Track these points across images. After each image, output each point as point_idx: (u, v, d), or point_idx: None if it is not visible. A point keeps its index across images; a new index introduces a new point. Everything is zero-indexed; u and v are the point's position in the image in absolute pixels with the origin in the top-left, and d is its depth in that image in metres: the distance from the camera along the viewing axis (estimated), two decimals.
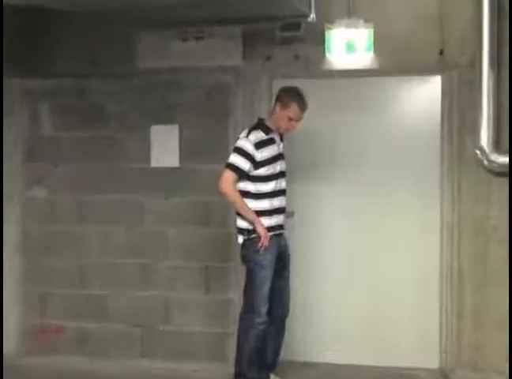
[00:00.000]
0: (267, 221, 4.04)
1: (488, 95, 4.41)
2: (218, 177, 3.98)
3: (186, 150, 4.91)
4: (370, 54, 4.64)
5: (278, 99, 4.05)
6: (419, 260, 4.84)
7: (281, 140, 4.15)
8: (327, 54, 4.67)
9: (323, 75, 4.80)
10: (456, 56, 4.61)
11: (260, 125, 4.06)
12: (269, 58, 4.79)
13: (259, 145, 3.96)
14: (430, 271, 4.79)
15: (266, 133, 4.00)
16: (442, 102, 4.72)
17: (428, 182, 4.80)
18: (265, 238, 3.93)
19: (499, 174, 4.53)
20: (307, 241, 4.87)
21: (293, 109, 4.00)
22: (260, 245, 3.94)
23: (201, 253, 4.95)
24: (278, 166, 4.06)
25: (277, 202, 4.10)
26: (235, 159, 3.96)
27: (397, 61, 4.65)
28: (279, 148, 4.10)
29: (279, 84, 4.48)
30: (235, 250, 4.63)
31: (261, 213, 4.05)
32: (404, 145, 4.82)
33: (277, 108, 4.03)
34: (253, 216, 3.98)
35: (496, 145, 4.47)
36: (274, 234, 4.08)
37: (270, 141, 4.02)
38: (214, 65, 4.83)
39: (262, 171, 4.01)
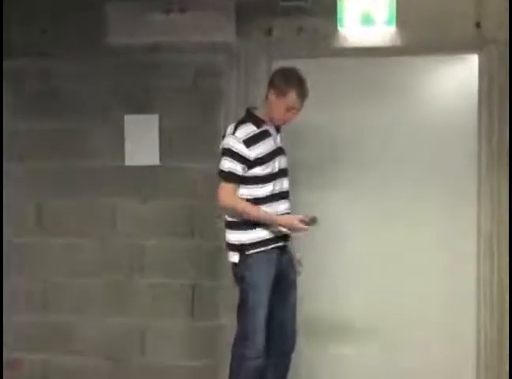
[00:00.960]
0: (265, 232, 3.52)
1: None
2: (216, 188, 3.53)
3: (168, 145, 4.45)
4: (392, 28, 4.21)
5: (272, 84, 3.54)
6: (451, 276, 4.30)
7: (278, 131, 3.66)
8: (339, 28, 4.25)
9: (334, 53, 4.31)
10: (495, 31, 4.12)
11: (249, 117, 3.58)
12: (268, 33, 4.31)
13: (250, 141, 3.48)
14: (464, 287, 4.27)
15: (258, 126, 3.53)
16: (480, 86, 4.21)
17: (462, 184, 4.30)
18: (301, 228, 3.48)
19: None
20: (313, 258, 4.27)
21: (291, 97, 3.48)
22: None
23: (185, 270, 4.48)
24: (277, 164, 3.56)
25: (279, 207, 3.57)
26: (226, 163, 3.48)
27: (425, 36, 4.17)
28: (276, 142, 3.60)
29: (280, 65, 3.89)
30: (226, 265, 4.01)
31: (257, 223, 3.52)
32: (434, 141, 4.33)
33: (272, 96, 3.52)
34: (272, 217, 3.51)
35: None
36: (274, 248, 3.57)
37: (264, 135, 3.54)
38: (202, 41, 4.35)
39: (258, 171, 3.50)
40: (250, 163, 3.49)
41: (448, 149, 4.34)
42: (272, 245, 3.57)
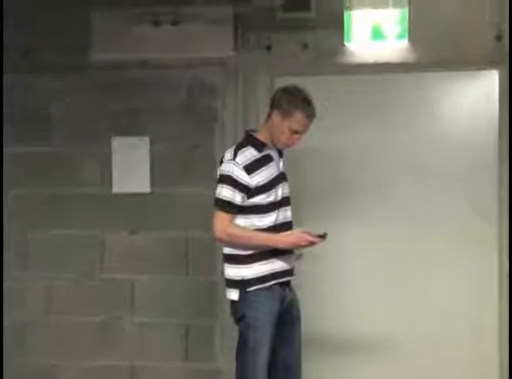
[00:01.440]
0: (267, 266, 3.22)
1: None
2: (210, 218, 3.25)
3: (159, 170, 4.24)
4: (404, 43, 4.02)
5: (276, 104, 3.24)
6: (471, 322, 4.05)
7: (280, 155, 3.39)
8: (346, 43, 4.06)
9: (340, 71, 4.11)
10: None
11: (249, 141, 3.30)
12: (268, 48, 4.08)
13: (252, 168, 3.22)
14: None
15: (259, 150, 3.25)
16: (501, 104, 3.96)
17: (483, 208, 4.02)
18: (306, 241, 3.17)
19: None
20: (316, 301, 4.03)
21: (298, 118, 3.21)
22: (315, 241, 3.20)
23: (178, 308, 4.24)
24: (280, 191, 3.28)
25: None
26: (224, 191, 3.22)
27: (440, 51, 3.98)
28: (278, 167, 3.32)
29: (282, 83, 3.64)
30: (223, 304, 3.87)
31: (258, 256, 3.23)
32: (450, 164, 4.08)
33: (276, 117, 3.22)
34: (272, 240, 3.21)
35: None
36: (277, 283, 3.27)
37: (266, 160, 3.27)
38: (195, 57, 4.13)
39: (259, 200, 3.21)
40: (250, 192, 3.22)
41: (467, 173, 4.06)
42: (276, 281, 3.29)
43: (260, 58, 4.16)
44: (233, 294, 3.30)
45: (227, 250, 3.33)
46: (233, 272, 3.29)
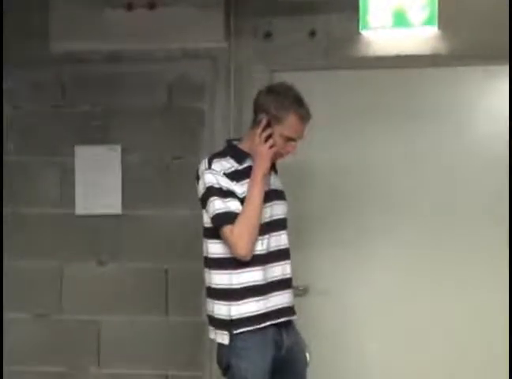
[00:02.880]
0: (255, 305, 2.89)
1: None
2: (227, 241, 2.90)
3: (133, 187, 3.92)
4: (433, 30, 3.67)
5: (261, 109, 2.96)
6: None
7: (273, 170, 3.10)
8: (362, 31, 3.72)
9: (355, 64, 3.79)
10: None
11: (228, 151, 3.05)
12: (268, 37, 3.77)
13: (233, 177, 2.96)
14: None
15: (239, 161, 2.99)
16: None
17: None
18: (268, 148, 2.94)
19: None
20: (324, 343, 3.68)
21: (291, 122, 2.94)
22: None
23: (156, 357, 3.92)
24: (268, 212, 3.01)
25: (274, 271, 3.01)
26: (216, 204, 2.92)
27: (476, 40, 3.63)
28: (268, 183, 3.06)
29: (284, 78, 3.38)
30: (209, 351, 3.59)
31: (245, 292, 2.91)
32: (487, 176, 3.67)
33: (260, 126, 2.96)
34: (255, 178, 2.90)
35: None
36: (270, 325, 2.94)
37: (247, 174, 2.99)
38: (178, 47, 3.83)
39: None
40: (240, 200, 2.94)
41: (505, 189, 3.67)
42: (270, 323, 2.94)
43: (257, 49, 3.88)
44: (223, 337, 2.94)
45: (214, 284, 2.98)
46: (223, 309, 2.94)
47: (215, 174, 2.94)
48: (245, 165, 3.03)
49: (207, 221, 3.00)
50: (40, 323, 4.04)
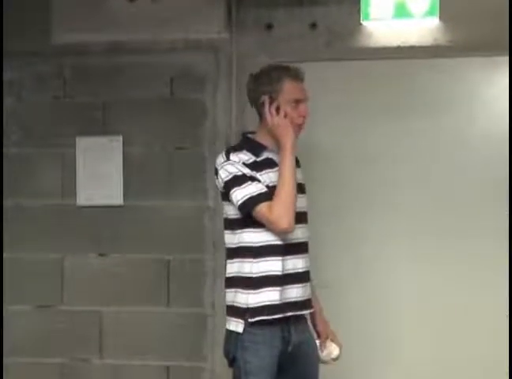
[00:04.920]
0: (270, 295, 2.94)
1: None
2: (264, 218, 2.94)
3: (135, 178, 3.99)
4: (435, 21, 3.76)
5: (257, 94, 3.07)
6: None
7: (297, 163, 3.13)
8: (363, 22, 3.80)
9: (356, 56, 3.87)
10: None
11: (244, 143, 3.10)
12: (269, 28, 3.84)
13: (252, 166, 3.01)
14: None
15: (256, 154, 3.02)
16: None
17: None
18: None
19: None
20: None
21: (288, 86, 3.01)
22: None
23: (157, 347, 3.97)
24: None
25: (293, 264, 3.07)
26: (242, 192, 2.97)
27: (479, 31, 3.71)
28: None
29: None
30: (214, 342, 3.71)
31: (263, 281, 2.97)
32: (491, 169, 3.76)
33: (266, 105, 3.01)
34: (285, 153, 2.96)
35: None
36: (281, 319, 2.99)
37: (267, 165, 3.04)
38: (179, 39, 3.90)
39: (259, 235, 2.99)
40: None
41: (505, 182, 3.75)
42: (280, 315, 2.99)
43: (258, 41, 3.94)
44: (240, 326, 3.00)
45: (232, 273, 3.07)
46: (241, 297, 3.01)
47: (235, 163, 2.99)
48: (263, 157, 3.06)
49: (231, 213, 3.03)
50: (41, 314, 4.09)
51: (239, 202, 2.96)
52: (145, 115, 4.01)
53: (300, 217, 3.05)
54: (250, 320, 2.97)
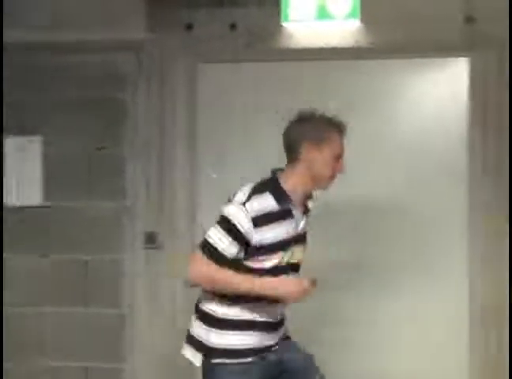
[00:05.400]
0: (247, 338, 2.89)
1: None
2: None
3: (54, 178, 3.88)
4: (356, 24, 3.79)
5: (301, 139, 2.94)
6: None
7: (305, 212, 3.05)
8: (284, 23, 3.80)
9: (277, 56, 3.85)
10: (493, 26, 3.70)
11: (272, 187, 2.93)
12: (189, 28, 3.79)
13: (261, 220, 2.86)
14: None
15: (280, 204, 2.88)
16: (471, 99, 3.72)
17: (449, 230, 3.77)
18: (299, 292, 2.86)
19: None
20: None
21: (336, 139, 2.94)
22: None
23: (75, 349, 3.86)
24: (287, 256, 2.95)
25: (270, 310, 2.97)
26: (215, 233, 2.87)
27: (400, 34, 3.75)
28: (297, 228, 2.97)
29: (207, 71, 3.68)
30: (130, 342, 3.74)
31: (241, 325, 2.90)
32: (412, 162, 3.82)
33: (311, 152, 2.93)
34: (248, 283, 2.86)
35: None
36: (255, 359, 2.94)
37: (284, 216, 2.91)
38: (99, 38, 3.82)
39: (257, 263, 2.90)
40: (249, 250, 2.89)
41: (431, 171, 3.80)
42: (253, 358, 2.91)
43: (179, 41, 3.89)
44: (195, 358, 2.92)
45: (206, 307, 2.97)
46: (201, 331, 2.94)
47: (243, 211, 2.86)
48: (282, 208, 2.94)
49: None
50: None
51: (206, 236, 2.89)
52: (65, 115, 3.92)
53: (294, 268, 3.00)
54: (212, 361, 2.91)
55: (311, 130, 2.94)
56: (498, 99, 3.72)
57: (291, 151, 2.94)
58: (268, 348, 2.96)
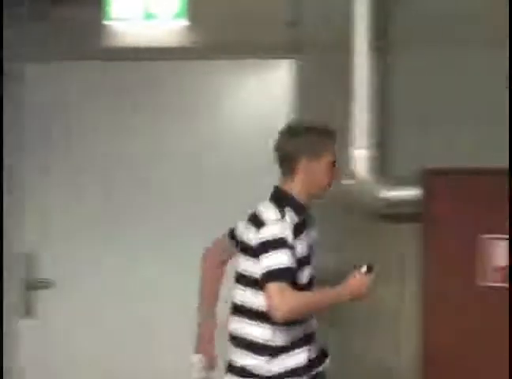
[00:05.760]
0: (300, 357, 2.87)
1: (369, 95, 3.51)
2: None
3: None
4: (183, 24, 3.76)
5: (295, 152, 2.97)
6: None
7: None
8: (107, 22, 3.75)
9: (100, 55, 3.78)
10: (317, 30, 3.73)
11: (288, 201, 2.94)
12: (10, 27, 3.71)
13: (297, 231, 2.88)
14: None
15: (299, 214, 2.92)
16: (296, 101, 3.74)
17: None
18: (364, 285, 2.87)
19: (390, 218, 3.59)
20: None
21: (330, 147, 3.01)
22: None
23: None
24: (308, 271, 2.96)
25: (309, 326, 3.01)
26: (280, 257, 2.78)
27: (226, 35, 3.74)
28: (311, 238, 3.02)
29: (33, 69, 3.65)
30: None
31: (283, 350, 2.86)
32: (235, 169, 3.78)
33: (310, 165, 2.96)
34: (335, 292, 2.85)
35: (380, 169, 3.60)
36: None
37: (303, 228, 2.95)
38: None
39: (299, 279, 2.90)
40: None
41: (250, 182, 3.72)
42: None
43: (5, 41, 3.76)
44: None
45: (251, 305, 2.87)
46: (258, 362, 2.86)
47: (288, 227, 2.85)
48: (301, 217, 2.97)
49: (257, 270, 2.85)
50: None
51: (271, 268, 2.78)
52: None
53: (311, 284, 2.97)
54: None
55: (306, 145, 2.96)
56: (320, 101, 3.71)
57: (288, 165, 2.96)
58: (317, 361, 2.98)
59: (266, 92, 3.82)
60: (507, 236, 3.45)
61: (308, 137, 2.99)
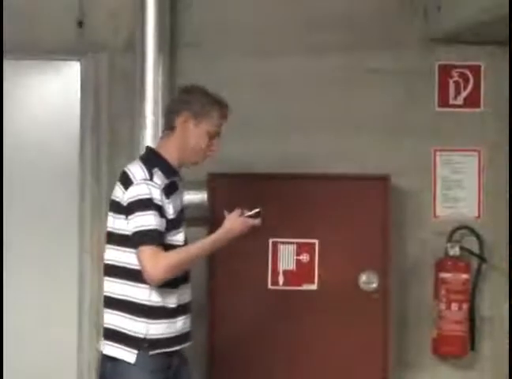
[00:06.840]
0: (165, 326, 2.85)
1: (155, 98, 3.62)
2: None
3: None
4: None
5: (181, 106, 2.96)
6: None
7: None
8: None
9: None
10: (102, 31, 3.77)
11: (156, 161, 2.91)
12: None
13: (167, 193, 2.87)
14: None
15: (167, 176, 2.89)
16: (82, 102, 3.76)
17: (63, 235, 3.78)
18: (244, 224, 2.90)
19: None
20: None
21: (215, 118, 2.97)
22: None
23: None
24: (182, 233, 2.98)
25: (182, 295, 2.98)
26: (148, 219, 2.79)
27: (13, 34, 3.60)
28: (182, 200, 3.04)
29: None
30: None
31: (157, 312, 2.84)
32: (19, 177, 3.73)
33: (187, 122, 2.93)
34: (210, 240, 2.89)
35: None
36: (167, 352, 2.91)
37: (173, 189, 2.94)
38: None
39: (173, 239, 2.90)
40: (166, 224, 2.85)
41: (44, 191, 3.76)
42: (170, 349, 2.88)
43: None
44: (128, 356, 2.81)
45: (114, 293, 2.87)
46: (138, 326, 2.83)
47: (156, 188, 2.81)
48: (171, 180, 2.92)
49: (128, 229, 2.80)
50: None
51: (140, 228, 2.77)
52: None
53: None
54: (150, 352, 2.84)
55: (193, 102, 2.94)
56: (112, 102, 3.76)
57: (170, 118, 2.95)
58: (185, 336, 2.98)
59: (54, 94, 3.81)
60: (293, 240, 3.73)
61: (199, 97, 3.00)
